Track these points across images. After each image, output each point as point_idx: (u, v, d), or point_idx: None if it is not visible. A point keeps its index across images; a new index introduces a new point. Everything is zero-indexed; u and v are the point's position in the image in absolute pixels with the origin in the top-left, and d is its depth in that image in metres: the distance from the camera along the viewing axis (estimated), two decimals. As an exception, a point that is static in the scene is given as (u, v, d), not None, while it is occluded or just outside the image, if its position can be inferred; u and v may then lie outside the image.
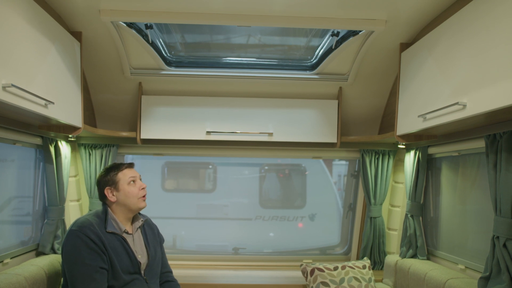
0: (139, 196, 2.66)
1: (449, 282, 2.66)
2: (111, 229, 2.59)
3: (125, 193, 2.65)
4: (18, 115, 2.44)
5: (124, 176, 2.68)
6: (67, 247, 2.49)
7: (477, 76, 2.10)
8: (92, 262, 2.42)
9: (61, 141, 3.21)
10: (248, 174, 4.38)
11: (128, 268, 2.57)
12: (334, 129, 3.47)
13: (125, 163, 2.76)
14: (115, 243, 2.56)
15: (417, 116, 2.63)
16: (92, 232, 2.48)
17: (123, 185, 2.66)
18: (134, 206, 2.66)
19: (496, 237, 2.31)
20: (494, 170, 2.35)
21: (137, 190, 2.67)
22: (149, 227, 2.89)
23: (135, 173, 2.72)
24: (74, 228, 2.50)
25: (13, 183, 3.00)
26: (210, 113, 3.43)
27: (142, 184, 2.70)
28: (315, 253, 4.10)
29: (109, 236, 2.55)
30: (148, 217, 2.97)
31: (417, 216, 3.30)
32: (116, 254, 2.53)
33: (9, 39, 2.00)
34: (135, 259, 2.61)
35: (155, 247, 2.84)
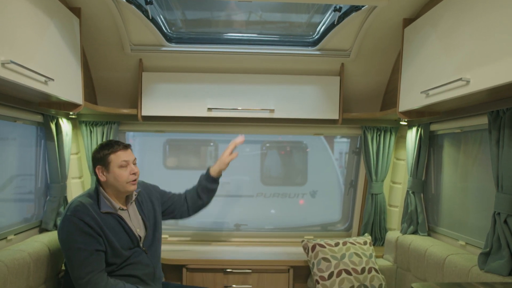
0: (128, 181, 2.62)
1: (450, 258, 2.68)
2: (106, 208, 2.58)
3: (114, 176, 2.61)
4: (18, 92, 2.42)
5: (117, 159, 2.62)
6: (62, 233, 2.50)
7: (481, 52, 2.08)
8: (86, 246, 2.43)
9: (62, 118, 3.20)
10: (250, 151, 4.37)
11: (128, 244, 2.59)
12: (336, 105, 3.46)
13: (121, 144, 2.68)
14: (112, 222, 2.56)
15: (420, 92, 2.61)
16: (87, 215, 2.48)
17: (113, 168, 2.61)
18: (122, 189, 2.63)
19: (497, 214, 2.32)
20: (497, 147, 2.35)
21: (127, 175, 2.62)
22: (144, 196, 2.87)
23: (129, 156, 2.66)
24: (68, 213, 2.49)
25: (15, 161, 3.01)
26: (211, 89, 3.41)
27: (133, 169, 2.64)
28: (316, 229, 4.13)
29: (104, 216, 2.55)
30: (143, 182, 2.96)
31: (418, 193, 3.31)
32: (114, 233, 2.54)
33: (7, 15, 1.97)
34: (134, 234, 2.62)
35: (154, 215, 2.84)
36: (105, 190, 2.65)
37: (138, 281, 2.61)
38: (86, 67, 3.24)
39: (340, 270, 3.05)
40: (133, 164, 2.67)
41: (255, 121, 3.61)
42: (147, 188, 2.96)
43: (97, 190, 2.65)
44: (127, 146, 2.70)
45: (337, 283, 3.00)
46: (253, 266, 3.41)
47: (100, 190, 2.64)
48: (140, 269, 2.63)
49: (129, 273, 2.58)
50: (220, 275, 3.39)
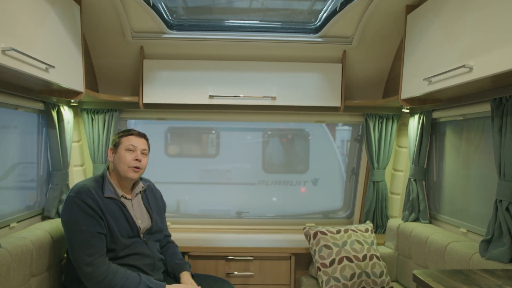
0: (129, 165, 2.64)
1: (451, 245, 2.69)
2: (109, 193, 2.60)
3: (119, 157, 2.66)
4: (19, 79, 2.42)
5: (127, 141, 2.67)
6: (65, 214, 2.51)
7: (484, 38, 2.06)
8: (88, 228, 2.44)
9: (63, 106, 3.20)
10: (251, 139, 4.37)
11: (128, 232, 2.60)
12: (338, 93, 3.44)
13: (137, 132, 2.74)
14: (113, 208, 2.58)
15: (422, 79, 2.60)
16: (90, 197, 2.49)
17: (121, 149, 2.66)
18: (122, 173, 2.65)
19: (499, 201, 2.32)
20: (499, 134, 2.34)
21: (131, 159, 2.64)
22: (151, 193, 2.91)
23: (138, 143, 2.69)
24: (71, 194, 2.51)
25: (16, 149, 3.01)
26: (212, 77, 3.40)
27: (138, 155, 2.66)
28: (318, 217, 4.14)
29: (106, 201, 2.57)
30: (152, 183, 2.98)
31: (420, 180, 3.31)
32: (114, 218, 2.55)
33: (8, 2, 1.96)
34: (134, 223, 2.63)
35: (158, 212, 2.86)
36: (111, 176, 2.69)
37: (139, 271, 2.62)
38: (87, 54, 3.23)
39: (342, 257, 3.06)
40: (141, 153, 2.69)
41: (256, 108, 3.60)
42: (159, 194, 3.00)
43: (103, 175, 2.68)
44: (142, 135, 2.76)
45: (339, 270, 3.01)
46: (255, 253, 3.42)
47: (106, 175, 2.68)
48: (140, 260, 2.64)
49: (130, 263, 2.60)
50: (222, 262, 3.41)
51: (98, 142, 3.50)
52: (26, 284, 2.45)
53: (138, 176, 2.71)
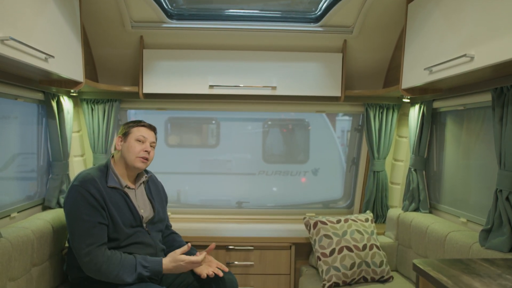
0: (138, 155, 2.65)
1: (451, 235, 2.69)
2: (113, 183, 2.61)
3: (128, 147, 2.67)
4: (19, 69, 2.41)
5: (137, 132, 2.70)
6: (68, 202, 2.53)
7: (485, 27, 2.05)
8: (90, 218, 2.45)
9: (63, 96, 3.19)
10: (251, 129, 4.37)
11: (130, 222, 2.61)
12: (338, 82, 3.43)
13: (147, 124, 2.76)
14: (116, 198, 2.59)
15: (423, 69, 2.59)
16: (93, 187, 2.50)
17: (130, 139, 2.68)
18: (130, 163, 2.66)
19: (499, 191, 2.32)
20: (500, 124, 2.34)
21: (140, 149, 2.66)
22: (153, 184, 2.92)
23: (148, 135, 2.72)
24: (75, 183, 2.52)
25: (16, 140, 3.01)
26: (212, 66, 3.39)
27: (147, 147, 2.68)
28: (318, 206, 4.14)
29: (110, 191, 2.58)
30: (153, 174, 2.99)
31: (420, 170, 3.31)
32: (117, 208, 2.56)
33: (6, -10, 1.95)
34: (137, 213, 2.65)
35: (160, 203, 2.88)
36: (115, 166, 2.70)
37: None
38: (86, 44, 3.21)
39: (342, 247, 3.07)
40: (150, 146, 2.71)
41: (257, 98, 3.58)
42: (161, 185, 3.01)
43: (108, 165, 2.69)
44: (153, 128, 2.79)
45: (339, 259, 3.02)
46: (255, 243, 3.43)
47: (111, 165, 2.68)
48: (143, 249, 2.65)
49: (132, 251, 2.61)
50: (223, 252, 3.42)
51: (98, 132, 3.50)
52: (27, 274, 2.46)
53: (145, 167, 2.73)
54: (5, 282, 2.24)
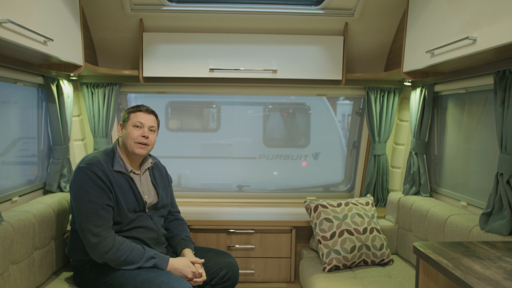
0: (136, 141, 2.65)
1: (451, 218, 2.70)
2: (118, 168, 2.63)
3: (126, 133, 2.68)
4: (18, 53, 2.39)
5: (135, 117, 2.69)
6: (74, 184, 2.54)
7: (488, 9, 2.03)
8: (98, 200, 2.48)
9: (62, 80, 3.18)
10: (252, 113, 4.36)
11: (134, 207, 2.63)
12: (339, 66, 3.41)
13: (145, 108, 2.75)
14: (122, 181, 2.61)
15: (425, 52, 2.57)
16: (100, 169, 2.53)
17: (129, 125, 2.69)
18: (129, 149, 2.67)
19: (500, 174, 2.32)
20: (502, 107, 2.33)
21: (138, 135, 2.66)
22: (157, 169, 2.93)
23: (146, 120, 2.70)
24: (82, 165, 2.54)
25: (17, 124, 3.00)
26: (213, 50, 3.36)
27: (145, 132, 2.67)
28: (318, 190, 4.15)
29: (115, 175, 2.60)
30: (158, 160, 3.00)
31: (421, 154, 3.31)
32: (122, 192, 2.58)
33: (3, -28, 1.92)
34: (141, 198, 2.66)
35: (164, 188, 2.89)
36: (121, 150, 2.71)
37: (142, 243, 2.65)
38: (86, 27, 3.19)
39: (342, 230, 3.08)
40: (149, 130, 2.70)
41: (257, 81, 3.57)
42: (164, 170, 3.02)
43: (114, 149, 2.71)
44: (151, 111, 2.77)
45: (339, 243, 3.04)
46: (255, 226, 3.45)
47: (117, 150, 2.70)
48: (145, 233, 2.67)
49: (134, 235, 2.63)
50: (223, 236, 3.44)
51: (98, 116, 3.49)
52: (29, 257, 2.48)
53: (146, 153, 2.72)
54: (8, 265, 2.26)
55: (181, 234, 2.91)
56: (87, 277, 2.61)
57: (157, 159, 3.00)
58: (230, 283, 2.86)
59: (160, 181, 2.89)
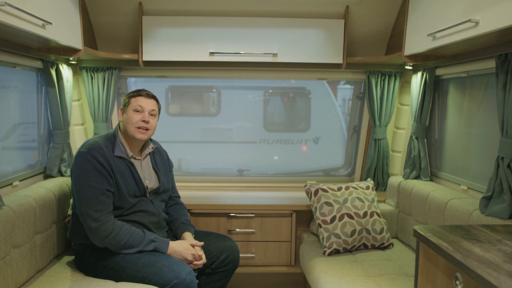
0: (136, 125, 2.65)
1: (451, 202, 2.70)
2: (119, 153, 2.64)
3: (127, 118, 2.68)
4: (16, 37, 2.38)
5: (135, 102, 2.69)
6: (75, 169, 2.55)
7: (491, -9, 2.01)
8: (98, 185, 2.48)
9: (62, 64, 3.16)
10: (252, 97, 4.35)
11: (135, 192, 2.64)
12: (340, 49, 3.39)
13: (146, 93, 2.74)
14: (122, 167, 2.62)
15: (427, 35, 2.55)
16: (100, 154, 2.53)
17: (129, 110, 2.69)
18: (130, 133, 2.67)
19: (501, 158, 2.32)
20: (503, 91, 2.32)
21: (138, 120, 2.66)
22: (159, 154, 2.93)
23: (147, 105, 2.70)
24: (83, 150, 2.55)
25: (17, 109, 3.00)
26: (213, 33, 3.34)
27: (145, 117, 2.67)
28: (319, 174, 4.15)
29: (116, 160, 2.61)
30: (160, 145, 3.00)
31: (422, 138, 3.30)
32: (123, 177, 2.59)
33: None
34: (142, 183, 2.67)
35: (165, 173, 2.89)
36: (122, 135, 2.72)
37: (144, 227, 2.67)
38: (84, 11, 3.15)
39: (343, 214, 3.09)
40: (149, 115, 2.70)
41: (258, 65, 3.55)
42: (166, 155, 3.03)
43: (115, 134, 2.71)
44: (151, 96, 2.76)
45: (339, 226, 3.05)
46: (256, 210, 3.46)
47: (118, 134, 2.70)
48: (146, 217, 2.69)
49: (135, 219, 2.64)
50: (224, 219, 3.45)
51: (98, 101, 3.48)
52: (31, 241, 2.49)
53: (147, 137, 2.72)
54: (9, 249, 2.27)
55: (180, 218, 2.93)
56: (88, 261, 2.63)
57: (159, 143, 3.00)
58: (231, 266, 2.88)
59: (161, 166, 2.89)
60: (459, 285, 1.55)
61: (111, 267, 2.52)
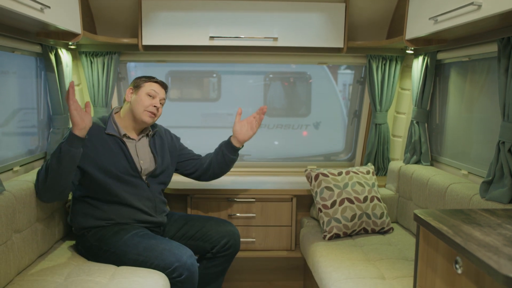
0: (146, 109, 2.70)
1: (451, 187, 2.71)
2: (111, 131, 2.69)
3: (138, 99, 2.71)
4: (14, 20, 2.35)
5: (149, 86, 2.74)
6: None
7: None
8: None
9: (61, 49, 3.14)
10: (253, 82, 4.33)
11: (127, 169, 2.66)
12: (341, 33, 3.36)
13: (160, 82, 2.81)
14: (113, 145, 2.66)
15: (428, 18, 2.53)
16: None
17: (141, 93, 2.72)
18: (138, 116, 2.70)
19: (502, 142, 2.31)
20: (505, 75, 2.30)
21: (149, 103, 2.71)
22: (159, 138, 2.93)
23: (160, 92, 2.77)
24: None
25: (16, 94, 2.99)
26: (213, 17, 3.31)
27: (157, 103, 2.73)
28: (319, 159, 4.15)
29: (107, 137, 2.65)
30: (161, 127, 2.99)
31: (423, 123, 3.30)
32: (111, 153, 2.63)
33: None
34: (133, 163, 2.68)
35: (164, 156, 2.88)
36: (119, 117, 2.76)
37: (141, 212, 2.69)
38: (83, -5, 3.13)
39: (343, 199, 3.09)
40: (160, 102, 2.77)
41: (258, 49, 3.53)
42: (168, 135, 3.04)
43: (110, 114, 2.77)
44: (165, 86, 2.83)
45: (340, 211, 3.05)
46: (256, 195, 3.46)
47: (112, 115, 2.76)
48: (141, 200, 2.71)
49: (132, 204, 2.66)
50: (224, 204, 3.46)
51: (98, 86, 3.46)
52: (32, 226, 2.50)
53: (152, 122, 2.77)
54: (11, 234, 2.28)
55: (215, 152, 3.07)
56: (89, 246, 2.64)
57: (160, 127, 3.00)
58: (232, 251, 2.90)
59: (161, 149, 2.89)
60: (459, 268, 1.56)
61: (112, 252, 2.54)
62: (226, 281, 3.33)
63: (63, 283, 2.29)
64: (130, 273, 2.42)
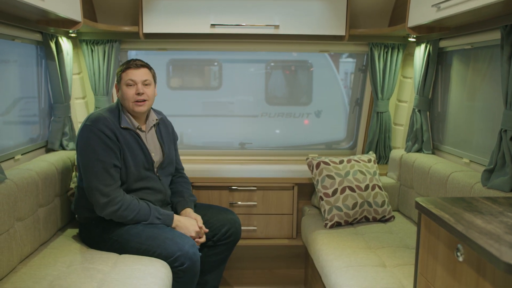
0: (133, 100, 2.61)
1: (453, 175, 2.70)
2: (125, 124, 2.61)
3: (122, 94, 2.65)
4: (14, 8, 2.34)
5: (126, 76, 2.63)
6: (81, 142, 2.53)
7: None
8: (106, 159, 2.47)
9: (61, 37, 3.13)
10: (254, 71, 4.31)
11: (143, 163, 2.63)
12: (343, 21, 3.34)
13: (134, 63, 2.66)
14: (130, 138, 2.60)
15: (431, 5, 2.51)
16: (106, 127, 2.51)
17: (122, 86, 2.64)
18: (129, 109, 2.65)
19: (504, 131, 2.30)
20: (508, 63, 2.29)
21: (132, 94, 2.61)
22: (164, 125, 2.91)
23: (136, 76, 2.62)
24: (88, 123, 2.52)
25: (17, 83, 2.98)
26: (214, 5, 3.29)
27: (139, 89, 2.60)
28: (320, 148, 4.14)
29: (123, 132, 2.58)
30: (164, 115, 2.98)
31: (424, 111, 3.28)
32: (130, 149, 2.58)
33: None
34: (149, 155, 2.66)
35: (169, 145, 2.88)
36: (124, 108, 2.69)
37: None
38: (83, -18, 3.11)
39: (344, 187, 3.09)
40: (143, 85, 2.63)
41: (259, 37, 3.50)
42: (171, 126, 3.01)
43: (119, 106, 2.68)
44: (140, 65, 2.67)
45: (341, 199, 3.06)
46: (258, 183, 3.46)
47: (122, 107, 2.67)
48: (153, 194, 2.70)
49: (143, 197, 2.64)
50: (226, 192, 3.46)
51: (99, 74, 3.45)
52: (34, 215, 2.51)
53: (146, 109, 2.68)
54: (13, 222, 2.28)
55: (183, 193, 2.92)
56: (92, 234, 2.65)
57: (163, 114, 2.98)
58: (233, 239, 2.91)
59: (166, 138, 2.88)
60: (460, 256, 1.56)
61: (115, 240, 2.55)
62: (227, 269, 3.35)
63: (65, 270, 2.31)
64: (132, 261, 2.43)
